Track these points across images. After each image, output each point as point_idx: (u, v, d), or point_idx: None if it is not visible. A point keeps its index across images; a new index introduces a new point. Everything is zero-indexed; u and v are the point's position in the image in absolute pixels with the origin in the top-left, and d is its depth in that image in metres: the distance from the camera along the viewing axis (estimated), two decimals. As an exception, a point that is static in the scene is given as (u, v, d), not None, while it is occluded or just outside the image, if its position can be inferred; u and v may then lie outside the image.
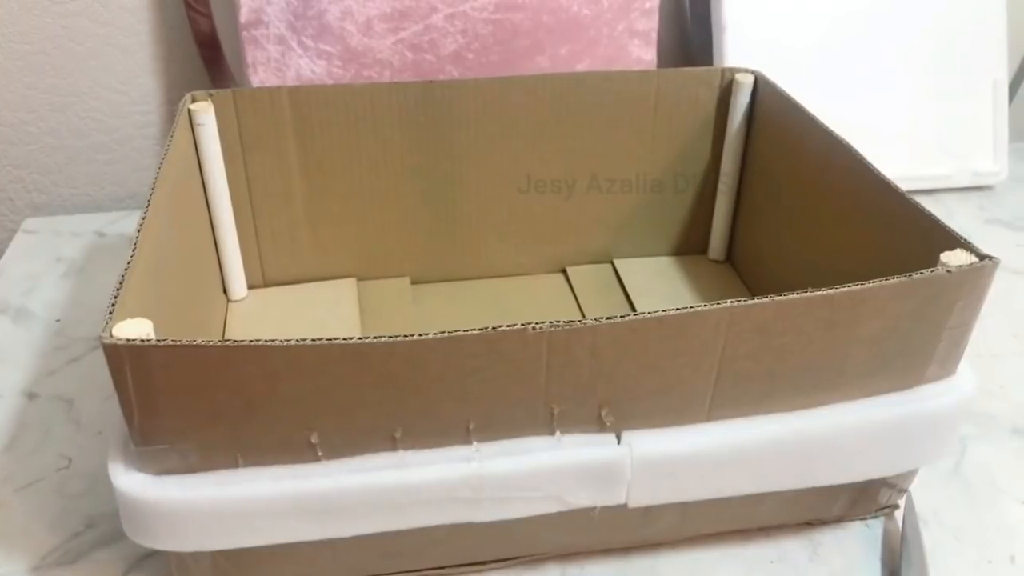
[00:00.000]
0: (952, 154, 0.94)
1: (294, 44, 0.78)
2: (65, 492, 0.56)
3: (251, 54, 0.78)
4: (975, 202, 0.94)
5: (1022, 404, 0.66)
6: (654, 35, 0.85)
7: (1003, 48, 0.93)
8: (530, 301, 0.74)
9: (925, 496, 0.56)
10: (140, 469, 0.43)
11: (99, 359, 0.40)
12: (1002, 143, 0.94)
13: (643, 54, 0.85)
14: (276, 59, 0.78)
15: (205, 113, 0.62)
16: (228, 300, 0.70)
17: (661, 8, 0.85)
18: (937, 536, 0.55)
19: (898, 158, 0.89)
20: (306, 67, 0.79)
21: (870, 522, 0.56)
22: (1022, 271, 0.83)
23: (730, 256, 0.78)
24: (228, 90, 0.64)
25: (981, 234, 0.88)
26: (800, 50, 0.88)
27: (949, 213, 0.91)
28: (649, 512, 0.49)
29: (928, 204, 0.50)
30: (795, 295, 0.42)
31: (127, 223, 0.87)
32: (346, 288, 0.72)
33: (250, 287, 0.71)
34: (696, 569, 0.52)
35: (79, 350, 0.69)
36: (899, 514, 0.55)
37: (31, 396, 0.64)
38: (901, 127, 0.92)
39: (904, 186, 0.53)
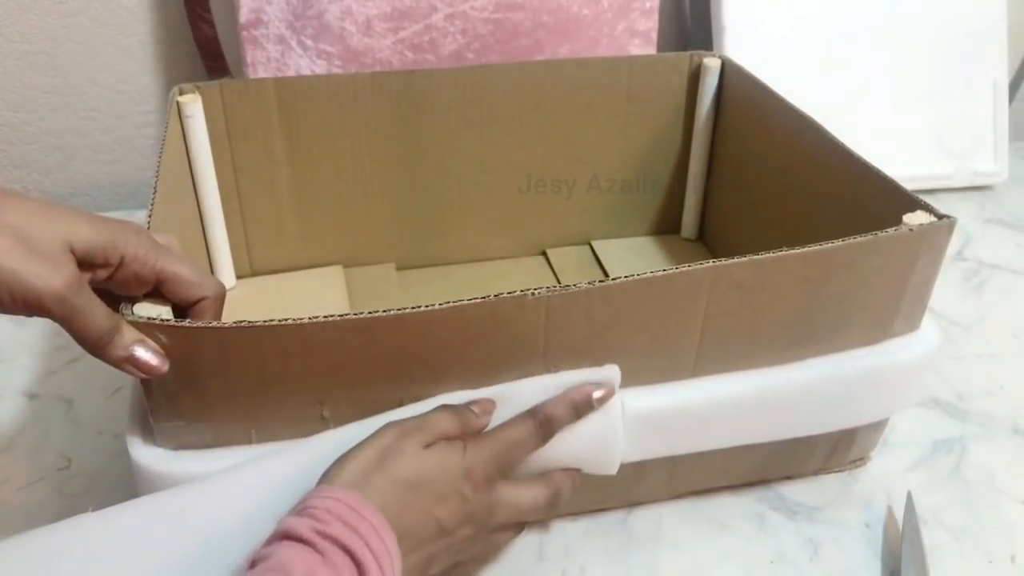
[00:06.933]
0: (952, 154, 0.94)
1: (294, 44, 0.78)
2: (65, 492, 0.56)
3: (251, 54, 0.78)
4: (975, 202, 0.94)
5: (1022, 404, 0.66)
6: (654, 35, 0.85)
7: (1003, 48, 0.93)
8: (513, 282, 0.76)
9: (925, 496, 0.56)
10: (157, 444, 0.44)
11: (98, 359, 0.40)
12: (1002, 143, 0.94)
13: (643, 54, 0.85)
14: (276, 59, 0.78)
15: (193, 105, 0.62)
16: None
17: (661, 8, 0.85)
18: (937, 536, 0.55)
19: (899, 158, 0.89)
20: (306, 67, 0.79)
21: (870, 522, 0.56)
22: (1022, 271, 0.83)
23: (702, 235, 0.80)
24: (215, 82, 0.64)
25: (981, 234, 0.88)
26: (800, 50, 0.88)
27: (949, 213, 0.90)
28: (640, 468, 0.51)
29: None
30: (771, 253, 0.45)
31: (127, 223, 0.87)
32: (333, 275, 0.74)
33: (238, 277, 0.72)
34: (697, 569, 0.52)
35: (79, 350, 0.68)
36: (899, 514, 0.55)
37: (31, 396, 0.64)
38: (901, 127, 0.92)
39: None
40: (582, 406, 0.45)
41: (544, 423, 0.44)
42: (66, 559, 0.39)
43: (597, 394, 0.45)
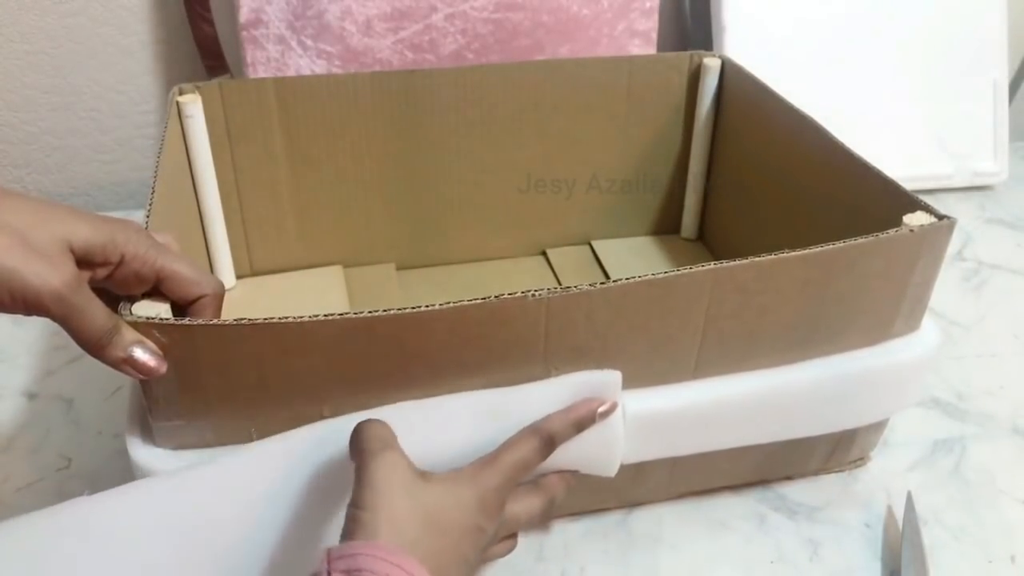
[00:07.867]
0: (952, 154, 0.94)
1: (294, 44, 0.78)
2: (65, 492, 0.56)
3: (251, 54, 0.78)
4: (975, 202, 0.94)
5: (1022, 404, 0.66)
6: (654, 35, 0.85)
7: (1003, 48, 0.93)
8: (513, 282, 0.76)
9: (925, 496, 0.56)
10: (157, 444, 0.44)
11: (97, 360, 0.40)
12: (1002, 143, 0.94)
13: (643, 54, 0.85)
14: (276, 59, 0.78)
15: (193, 105, 0.63)
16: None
17: (661, 8, 0.85)
18: (937, 536, 0.55)
19: (898, 158, 0.89)
20: (306, 67, 0.79)
21: (870, 522, 0.56)
22: (1022, 271, 0.83)
23: (702, 235, 0.81)
24: (215, 82, 0.64)
25: (981, 234, 0.88)
26: (800, 51, 0.88)
27: (949, 213, 0.90)
28: (640, 469, 0.51)
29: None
30: (772, 256, 0.45)
31: (127, 223, 0.87)
32: (333, 275, 0.74)
33: (238, 277, 0.72)
34: (697, 569, 0.52)
35: (78, 350, 0.68)
36: (899, 514, 0.55)
37: (31, 396, 0.64)
38: (901, 127, 0.92)
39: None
40: (585, 421, 0.45)
41: (548, 442, 0.43)
42: (62, 540, 0.39)
43: (601, 408, 0.45)
